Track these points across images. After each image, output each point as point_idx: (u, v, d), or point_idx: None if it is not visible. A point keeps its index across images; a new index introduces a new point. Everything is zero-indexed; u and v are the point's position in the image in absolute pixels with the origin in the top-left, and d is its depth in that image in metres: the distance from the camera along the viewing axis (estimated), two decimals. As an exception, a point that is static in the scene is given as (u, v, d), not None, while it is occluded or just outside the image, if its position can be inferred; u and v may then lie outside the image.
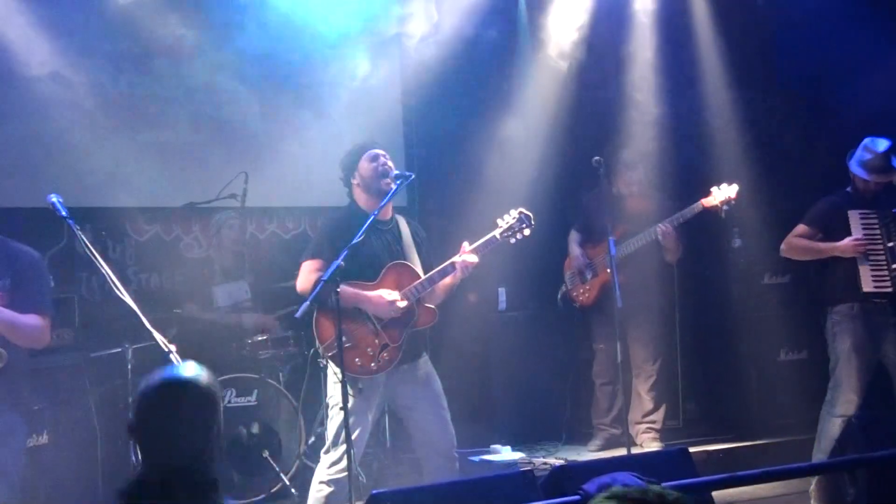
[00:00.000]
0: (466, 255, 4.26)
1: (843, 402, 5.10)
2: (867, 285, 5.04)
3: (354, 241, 4.09)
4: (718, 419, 6.59)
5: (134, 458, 4.92)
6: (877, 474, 3.66)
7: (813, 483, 4.98)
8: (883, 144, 5.16)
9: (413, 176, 4.38)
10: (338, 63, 6.57)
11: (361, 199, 4.41)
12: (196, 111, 6.17)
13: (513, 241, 4.40)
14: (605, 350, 6.14)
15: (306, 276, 4.31)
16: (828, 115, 7.03)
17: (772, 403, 6.35)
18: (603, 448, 6.14)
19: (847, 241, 5.09)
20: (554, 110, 6.90)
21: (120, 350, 4.98)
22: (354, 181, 4.40)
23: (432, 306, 4.37)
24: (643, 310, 5.76)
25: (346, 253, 4.02)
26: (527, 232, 4.39)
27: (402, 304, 4.22)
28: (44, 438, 4.65)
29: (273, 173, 6.20)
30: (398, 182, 4.32)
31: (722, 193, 5.67)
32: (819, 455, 5.14)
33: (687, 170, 5.88)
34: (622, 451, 5.48)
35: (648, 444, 6.04)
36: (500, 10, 6.86)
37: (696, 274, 6.78)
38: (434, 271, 4.30)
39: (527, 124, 6.82)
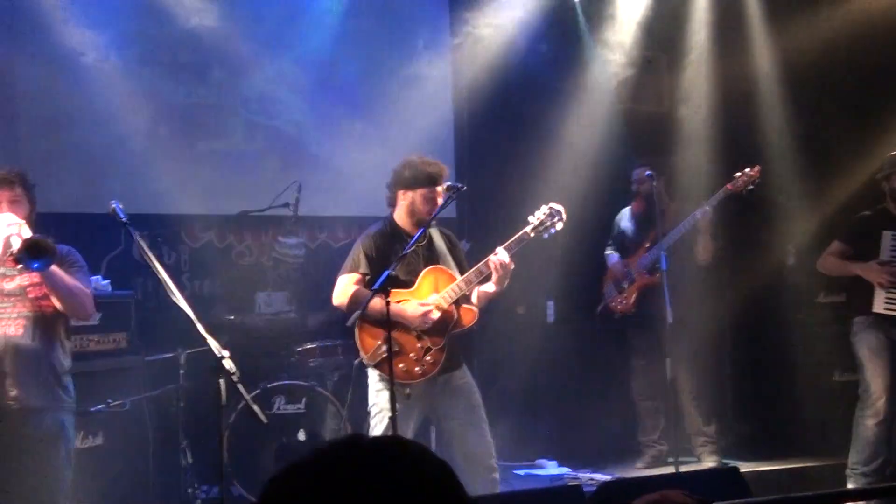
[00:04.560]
0: (499, 250, 4.26)
1: (872, 404, 5.29)
2: (878, 306, 5.27)
3: (405, 251, 4.19)
4: (771, 439, 6.46)
5: (184, 461, 4.99)
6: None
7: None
8: None
9: (464, 187, 4.39)
10: (392, 73, 6.63)
11: (402, 217, 4.45)
12: (251, 121, 6.26)
13: (545, 236, 4.41)
14: (644, 367, 6.08)
15: (343, 289, 4.39)
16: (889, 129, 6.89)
17: (826, 424, 6.21)
18: (650, 465, 6.04)
19: (875, 268, 5.26)
20: (608, 123, 6.87)
21: (173, 354, 5.06)
22: (405, 198, 4.42)
23: (473, 307, 4.38)
24: (681, 324, 5.66)
25: (396, 264, 4.12)
26: (559, 226, 4.38)
27: (435, 315, 4.25)
28: (98, 440, 4.74)
29: (325, 182, 6.26)
30: (448, 194, 4.36)
31: (744, 176, 5.73)
32: (855, 457, 5.34)
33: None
34: (670, 469, 5.41)
35: (706, 458, 5.96)
36: (555, 23, 6.85)
37: (750, 291, 6.67)
38: (469, 271, 4.32)
39: (580, 136, 6.79)
